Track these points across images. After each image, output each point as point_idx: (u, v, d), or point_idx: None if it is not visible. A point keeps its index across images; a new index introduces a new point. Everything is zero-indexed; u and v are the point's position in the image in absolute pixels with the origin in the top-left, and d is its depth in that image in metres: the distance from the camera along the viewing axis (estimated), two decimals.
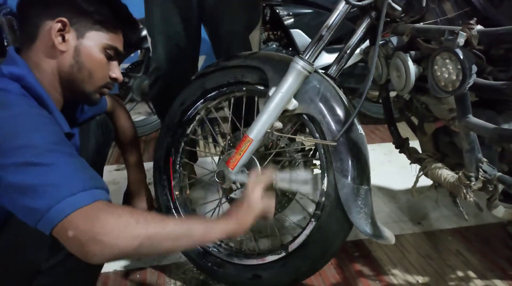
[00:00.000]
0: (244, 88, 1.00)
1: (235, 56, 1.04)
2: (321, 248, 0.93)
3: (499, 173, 0.82)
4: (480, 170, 0.82)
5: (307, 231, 0.93)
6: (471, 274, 1.13)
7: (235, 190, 0.96)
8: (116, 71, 0.83)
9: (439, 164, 0.96)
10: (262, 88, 0.98)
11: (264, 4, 1.90)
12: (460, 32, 0.64)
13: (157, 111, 1.43)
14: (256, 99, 1.04)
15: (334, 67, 0.97)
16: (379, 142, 2.04)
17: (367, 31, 0.93)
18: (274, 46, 1.96)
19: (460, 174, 0.84)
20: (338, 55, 0.98)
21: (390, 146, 1.18)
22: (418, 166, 1.03)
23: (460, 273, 1.14)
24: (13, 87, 0.69)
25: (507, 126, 0.86)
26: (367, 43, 1.00)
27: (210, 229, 0.70)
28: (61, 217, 0.58)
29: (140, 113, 2.41)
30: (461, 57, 0.64)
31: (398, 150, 1.13)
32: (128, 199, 1.09)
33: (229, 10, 1.25)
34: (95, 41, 0.77)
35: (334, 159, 0.87)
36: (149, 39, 1.33)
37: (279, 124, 0.90)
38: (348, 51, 0.96)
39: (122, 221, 0.60)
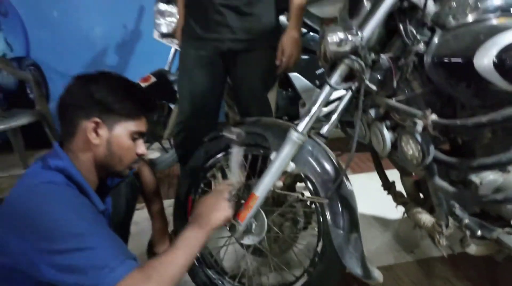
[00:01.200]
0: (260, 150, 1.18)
1: (242, 122, 1.23)
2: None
3: (467, 221, 0.98)
4: (451, 217, 0.99)
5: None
6: None
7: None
8: (141, 148, 1.01)
9: (419, 209, 1.13)
10: (262, 151, 1.16)
11: None
12: (418, 121, 0.81)
13: (179, 156, 1.62)
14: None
15: (326, 128, 1.15)
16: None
17: (351, 100, 1.10)
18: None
19: (434, 221, 1.01)
20: (328, 116, 1.15)
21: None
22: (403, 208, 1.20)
23: None
24: (59, 178, 0.88)
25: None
26: None
27: (194, 241, 0.89)
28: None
29: (154, 149, 2.60)
30: (419, 140, 0.81)
31: (386, 192, 1.30)
32: (153, 246, 1.27)
33: (252, 78, 1.47)
34: (123, 131, 0.96)
35: (327, 213, 1.04)
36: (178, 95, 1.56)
37: (279, 184, 1.08)
38: (337, 114, 1.13)
39: (152, 283, 0.77)
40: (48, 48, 2.63)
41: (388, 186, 1.29)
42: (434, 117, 0.82)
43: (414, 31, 0.97)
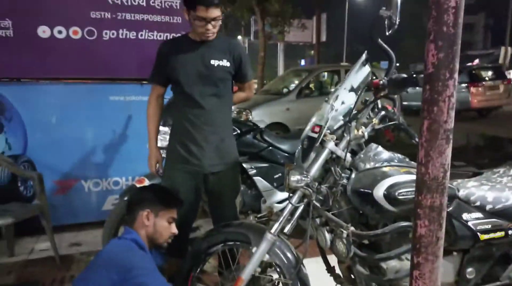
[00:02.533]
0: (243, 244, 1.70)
1: (230, 225, 1.76)
2: None
3: None
4: None
5: None
6: None
7: None
8: (174, 229, 1.60)
9: None
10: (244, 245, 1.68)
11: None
12: (344, 230, 1.41)
13: (169, 251, 2.03)
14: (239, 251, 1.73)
15: (287, 228, 1.67)
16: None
17: (303, 211, 1.68)
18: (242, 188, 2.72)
19: None
20: (283, 217, 1.67)
21: None
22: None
23: None
24: (134, 244, 1.43)
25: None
26: None
27: None
28: None
29: None
30: (344, 242, 1.39)
31: (329, 274, 1.84)
32: None
33: (227, 189, 2.05)
34: (163, 217, 1.57)
35: None
36: None
37: (258, 269, 1.58)
38: (295, 219, 1.67)
39: None
40: (43, 147, 3.02)
41: (330, 269, 1.83)
42: (352, 229, 1.43)
43: (340, 172, 1.61)
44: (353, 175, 1.61)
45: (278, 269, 1.60)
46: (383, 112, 1.65)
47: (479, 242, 1.59)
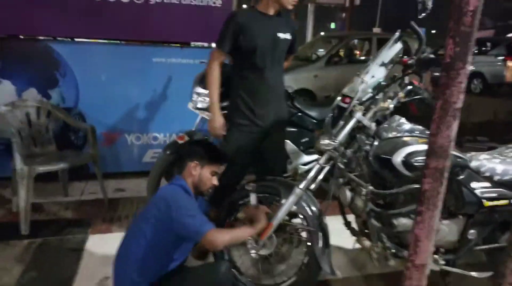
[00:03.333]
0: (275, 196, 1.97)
1: (264, 179, 2.03)
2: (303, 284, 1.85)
3: (388, 245, 1.79)
4: (380, 242, 1.80)
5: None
6: None
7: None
8: (215, 181, 1.83)
9: (365, 238, 1.93)
10: (275, 198, 1.95)
11: None
12: (363, 189, 1.64)
13: (212, 202, 2.24)
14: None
15: (313, 186, 1.93)
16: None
17: (328, 172, 1.92)
18: None
19: (371, 244, 1.81)
20: (311, 175, 1.91)
21: None
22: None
23: None
24: (181, 189, 1.70)
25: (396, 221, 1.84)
26: None
27: (248, 232, 1.68)
28: (204, 234, 1.51)
29: None
30: (363, 200, 1.63)
31: (346, 228, 2.10)
32: None
33: (280, 148, 2.32)
34: (208, 170, 1.79)
35: (313, 236, 1.82)
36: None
37: (286, 217, 1.86)
38: (320, 178, 1.91)
39: (222, 237, 1.55)
40: (93, 102, 3.34)
41: (347, 224, 2.09)
42: (371, 188, 1.66)
43: (364, 139, 1.82)
44: (375, 143, 1.81)
45: (303, 219, 1.87)
46: (409, 87, 1.82)
47: (483, 208, 1.80)
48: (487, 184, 1.82)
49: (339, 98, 1.88)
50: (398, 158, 1.72)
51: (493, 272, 1.89)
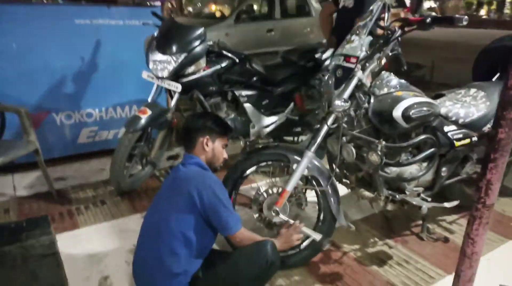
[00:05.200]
0: (281, 163, 1.95)
1: (266, 147, 1.98)
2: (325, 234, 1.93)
3: (390, 192, 1.97)
4: (384, 192, 1.96)
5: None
6: (377, 240, 2.29)
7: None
8: (226, 154, 1.74)
9: (362, 189, 2.08)
10: (284, 164, 1.94)
11: (228, 89, 2.81)
12: (378, 145, 1.74)
13: None
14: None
15: (314, 147, 1.96)
16: None
17: (330, 132, 1.97)
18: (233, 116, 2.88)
19: (375, 194, 1.97)
20: (319, 136, 1.95)
21: None
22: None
23: (371, 240, 2.28)
24: (200, 168, 1.60)
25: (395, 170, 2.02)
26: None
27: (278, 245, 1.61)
28: (235, 232, 1.48)
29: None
30: (379, 154, 1.74)
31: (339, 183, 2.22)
32: None
33: None
34: (219, 143, 1.70)
35: (327, 195, 1.89)
36: None
37: (299, 183, 1.87)
38: (321, 138, 1.95)
39: (249, 239, 1.53)
40: (5, 78, 2.71)
41: (340, 180, 2.21)
42: (384, 142, 1.77)
43: (362, 97, 1.90)
44: (372, 100, 1.91)
45: (314, 181, 1.91)
46: (396, 42, 1.93)
47: (454, 148, 2.08)
48: (455, 127, 2.10)
49: (339, 59, 1.89)
50: (397, 112, 1.84)
51: (459, 200, 2.26)
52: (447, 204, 2.16)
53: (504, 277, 1.90)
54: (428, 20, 1.76)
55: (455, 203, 2.18)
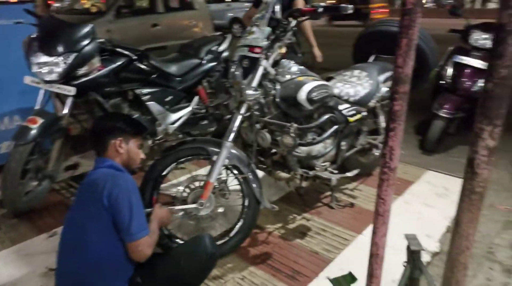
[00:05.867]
0: (200, 157, 1.95)
1: (184, 143, 1.95)
2: (250, 222, 2.01)
3: (302, 171, 2.14)
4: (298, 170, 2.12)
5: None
6: (295, 215, 2.47)
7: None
8: (142, 154, 1.66)
9: (278, 171, 2.22)
10: (203, 157, 1.95)
11: (128, 89, 2.66)
12: (291, 128, 1.88)
13: None
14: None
15: (231, 136, 2.01)
16: None
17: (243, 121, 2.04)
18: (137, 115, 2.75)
19: (291, 174, 2.12)
20: (235, 126, 1.99)
21: None
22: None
23: (291, 216, 2.45)
24: (108, 168, 1.50)
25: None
26: None
27: (156, 231, 1.55)
28: (135, 239, 1.37)
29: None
30: (292, 137, 1.88)
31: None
32: None
33: None
34: (134, 144, 1.61)
35: (249, 182, 1.96)
36: None
37: (221, 175, 1.91)
38: (236, 128, 2.01)
39: (150, 246, 1.43)
40: None
41: (257, 164, 2.31)
42: (295, 125, 1.91)
43: (269, 84, 2.02)
44: (278, 87, 2.04)
45: (236, 169, 1.97)
46: (292, 31, 2.08)
47: (349, 124, 2.35)
48: (347, 105, 2.37)
49: (245, 49, 1.95)
50: (302, 95, 2.00)
51: (360, 169, 2.57)
52: (349, 174, 2.43)
53: (402, 228, 2.24)
54: (319, 10, 1.93)
55: (356, 171, 2.47)
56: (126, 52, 2.59)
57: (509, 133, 3.67)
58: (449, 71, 3.35)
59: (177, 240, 2.00)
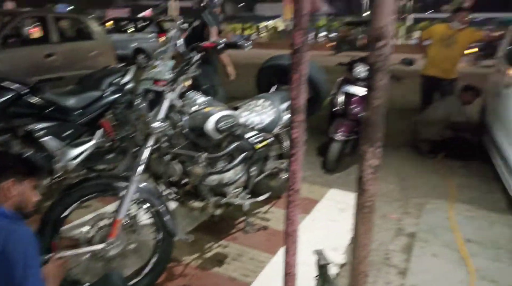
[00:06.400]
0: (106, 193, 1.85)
1: (87, 180, 1.84)
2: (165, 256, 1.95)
3: (214, 200, 2.17)
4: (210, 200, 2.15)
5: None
6: (212, 243, 2.45)
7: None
8: (37, 196, 1.52)
9: (191, 201, 2.21)
10: (110, 194, 1.86)
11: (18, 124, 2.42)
12: (201, 157, 1.90)
13: None
14: None
15: (140, 169, 1.95)
16: None
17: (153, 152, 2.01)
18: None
19: (204, 203, 2.13)
20: (142, 160, 1.94)
21: None
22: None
23: (207, 245, 2.43)
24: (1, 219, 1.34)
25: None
26: None
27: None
28: None
29: None
30: (202, 167, 1.91)
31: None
32: None
33: None
34: (28, 185, 1.47)
35: (161, 214, 1.92)
36: None
37: (131, 208, 1.84)
38: (144, 156, 1.96)
39: None
40: None
41: (171, 194, 2.28)
42: (206, 154, 1.94)
43: (176, 115, 2.04)
44: (186, 118, 2.07)
45: (146, 203, 1.91)
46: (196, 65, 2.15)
47: (256, 150, 2.48)
48: (254, 132, 2.51)
49: (147, 83, 1.95)
50: (209, 126, 2.06)
51: (270, 192, 2.69)
52: (260, 198, 2.54)
53: (312, 244, 2.39)
54: (220, 46, 2.05)
55: (266, 195, 2.59)
56: (14, 86, 2.38)
57: (395, 150, 4.22)
58: (340, 99, 3.75)
59: None
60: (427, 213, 2.80)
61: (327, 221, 2.73)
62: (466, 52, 4.76)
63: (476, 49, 10.05)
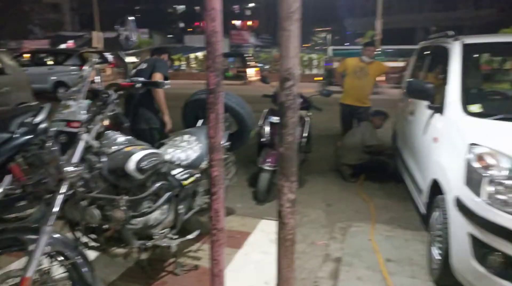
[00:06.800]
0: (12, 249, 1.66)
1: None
2: None
3: (138, 244, 2.07)
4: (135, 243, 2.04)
5: None
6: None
7: None
8: None
9: (113, 248, 2.08)
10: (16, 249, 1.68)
11: None
12: (121, 201, 1.81)
13: None
14: None
15: (52, 219, 1.80)
16: None
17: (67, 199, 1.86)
18: None
19: (127, 249, 2.01)
20: (54, 208, 1.79)
21: None
22: None
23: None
24: None
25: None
26: None
27: None
28: None
29: None
30: (123, 210, 1.82)
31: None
32: None
33: None
34: None
35: (77, 267, 1.77)
36: None
37: (42, 265, 1.67)
38: (56, 203, 1.81)
39: None
40: None
41: (86, 244, 2.11)
42: (126, 197, 1.85)
43: (93, 157, 1.94)
44: (104, 159, 1.98)
45: (60, 255, 1.75)
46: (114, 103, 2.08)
47: (184, 187, 2.44)
48: (180, 169, 2.47)
49: (59, 124, 1.84)
50: (130, 166, 1.99)
51: (200, 230, 2.63)
52: (190, 236, 2.47)
53: (244, 280, 2.36)
54: (137, 85, 2.02)
55: (196, 233, 2.53)
56: None
57: (321, 176, 4.42)
58: (267, 129, 3.87)
59: None
60: (351, 237, 2.94)
61: (259, 254, 2.72)
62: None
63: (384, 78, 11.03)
